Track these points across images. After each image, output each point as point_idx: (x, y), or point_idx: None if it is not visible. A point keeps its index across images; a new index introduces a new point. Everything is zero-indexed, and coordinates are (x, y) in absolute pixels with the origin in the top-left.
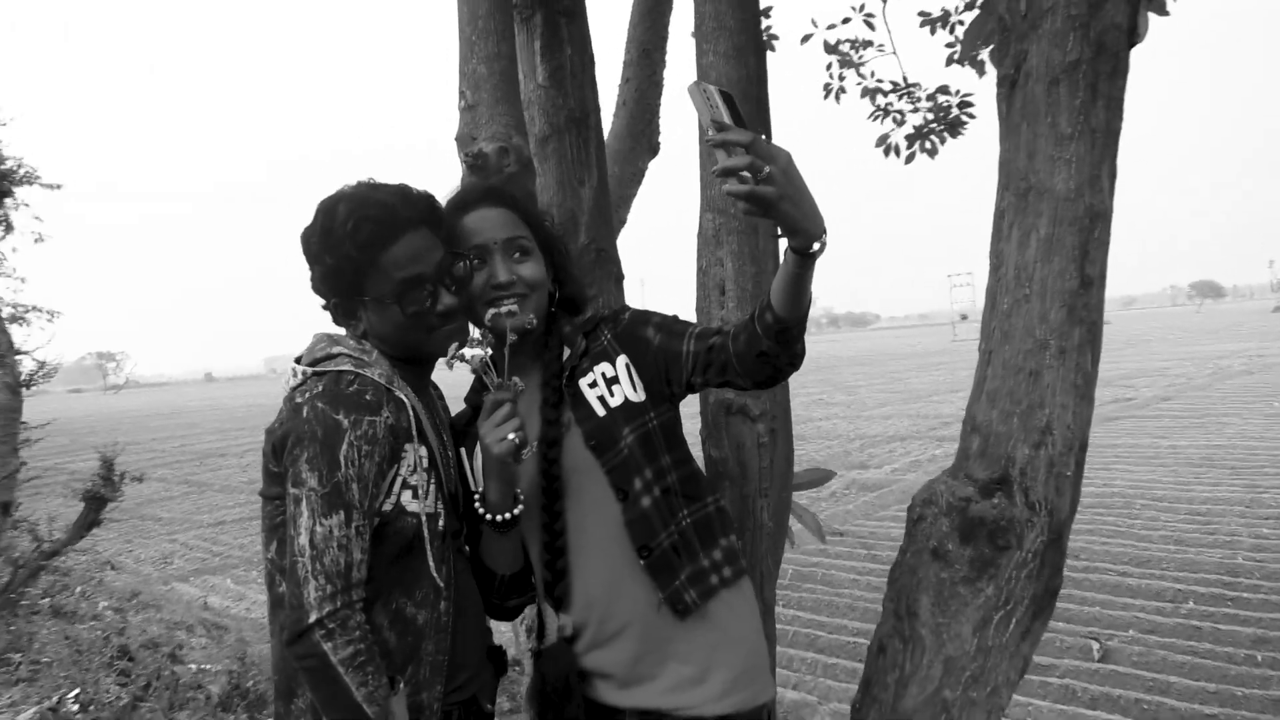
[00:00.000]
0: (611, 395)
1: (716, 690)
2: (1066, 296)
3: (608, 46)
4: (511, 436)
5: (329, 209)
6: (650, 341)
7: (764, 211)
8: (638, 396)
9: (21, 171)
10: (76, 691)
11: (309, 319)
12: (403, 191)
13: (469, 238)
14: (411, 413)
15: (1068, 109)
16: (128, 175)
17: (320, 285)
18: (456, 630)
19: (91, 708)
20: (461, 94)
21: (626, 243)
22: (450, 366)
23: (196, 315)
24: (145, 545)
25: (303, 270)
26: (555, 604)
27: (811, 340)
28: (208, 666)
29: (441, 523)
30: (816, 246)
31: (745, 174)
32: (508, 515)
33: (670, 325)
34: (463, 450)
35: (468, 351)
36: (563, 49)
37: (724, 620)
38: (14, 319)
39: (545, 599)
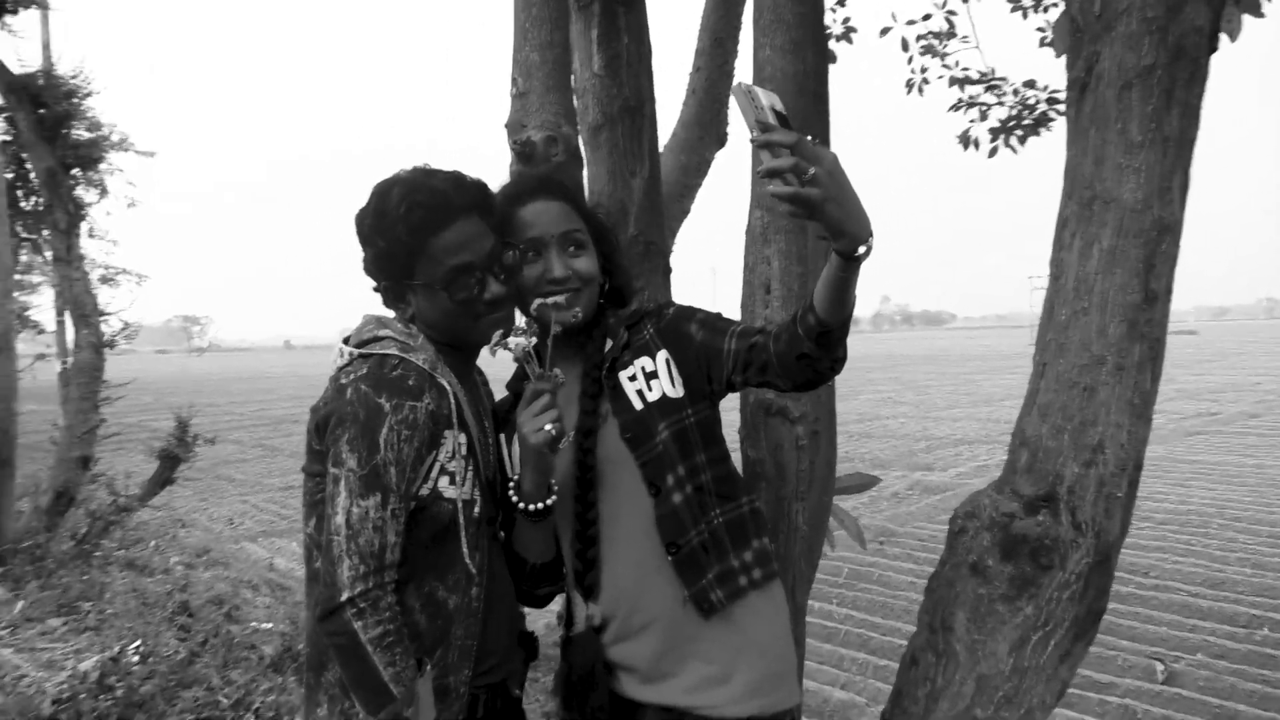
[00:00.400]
0: (650, 390)
1: (739, 692)
2: (1128, 311)
3: (667, 37)
4: (549, 427)
5: (383, 192)
6: (693, 338)
7: (809, 214)
8: (676, 392)
9: (114, 138)
10: (138, 644)
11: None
12: (456, 178)
13: (524, 230)
14: (453, 399)
15: (1139, 115)
16: (212, 143)
17: (371, 267)
18: (487, 616)
19: (150, 660)
20: (514, 81)
21: (697, 233)
22: (494, 354)
23: (278, 284)
24: (218, 504)
25: None
26: (585, 593)
27: (883, 338)
28: (267, 625)
29: (477, 509)
30: (862, 250)
31: (790, 176)
32: (541, 505)
33: (713, 322)
34: (502, 436)
35: (511, 340)
36: (620, 37)
37: (750, 623)
38: (104, 280)
39: (575, 588)
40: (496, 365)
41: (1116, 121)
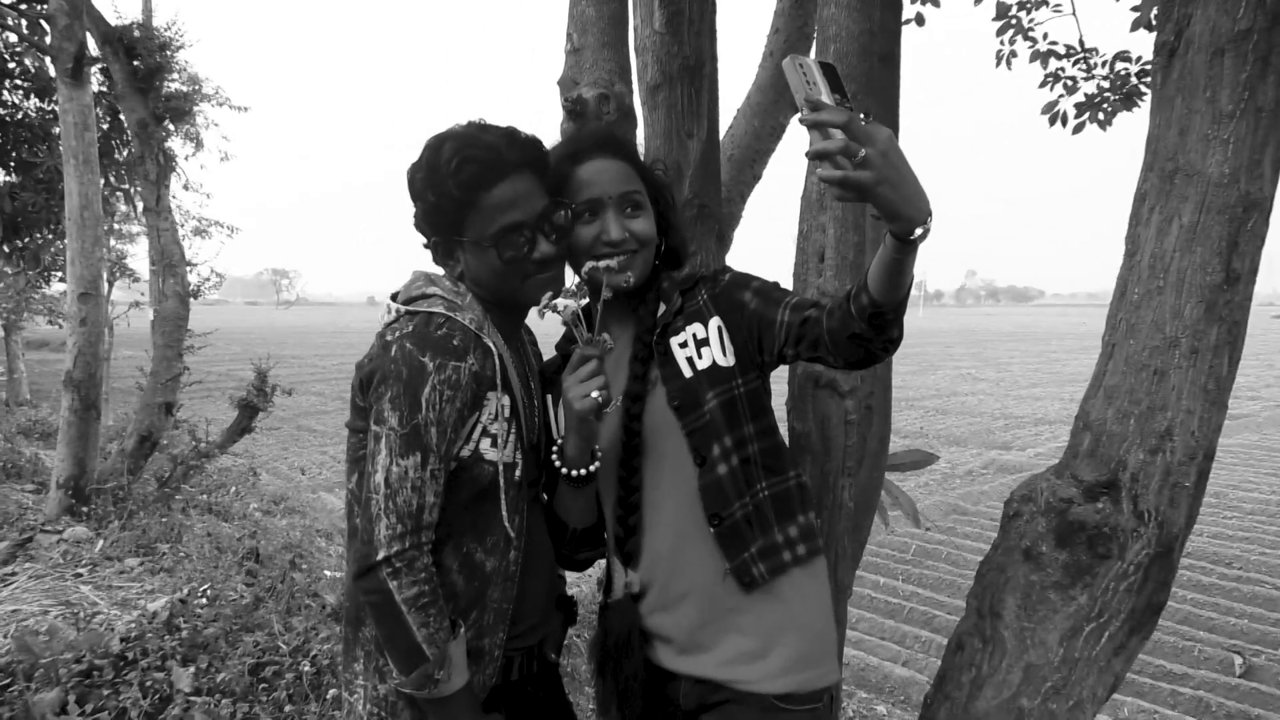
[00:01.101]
0: (700, 357)
1: (776, 667)
2: (1206, 291)
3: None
4: (595, 394)
5: (436, 146)
6: (746, 305)
7: (860, 196)
8: (726, 361)
9: (205, 91)
10: (206, 587)
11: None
12: (510, 134)
13: (582, 190)
14: (498, 360)
15: (1231, 83)
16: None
17: (421, 223)
18: (524, 579)
19: (218, 602)
20: (569, 36)
21: (774, 199)
22: (542, 315)
23: (364, 242)
24: (299, 454)
25: None
26: (624, 560)
27: (967, 312)
28: (336, 574)
29: (519, 472)
30: (919, 232)
31: (840, 158)
32: (584, 471)
33: (769, 292)
34: (549, 398)
35: (560, 302)
36: None
37: (791, 599)
38: (197, 232)
39: (615, 554)
40: (546, 325)
41: (1206, 89)
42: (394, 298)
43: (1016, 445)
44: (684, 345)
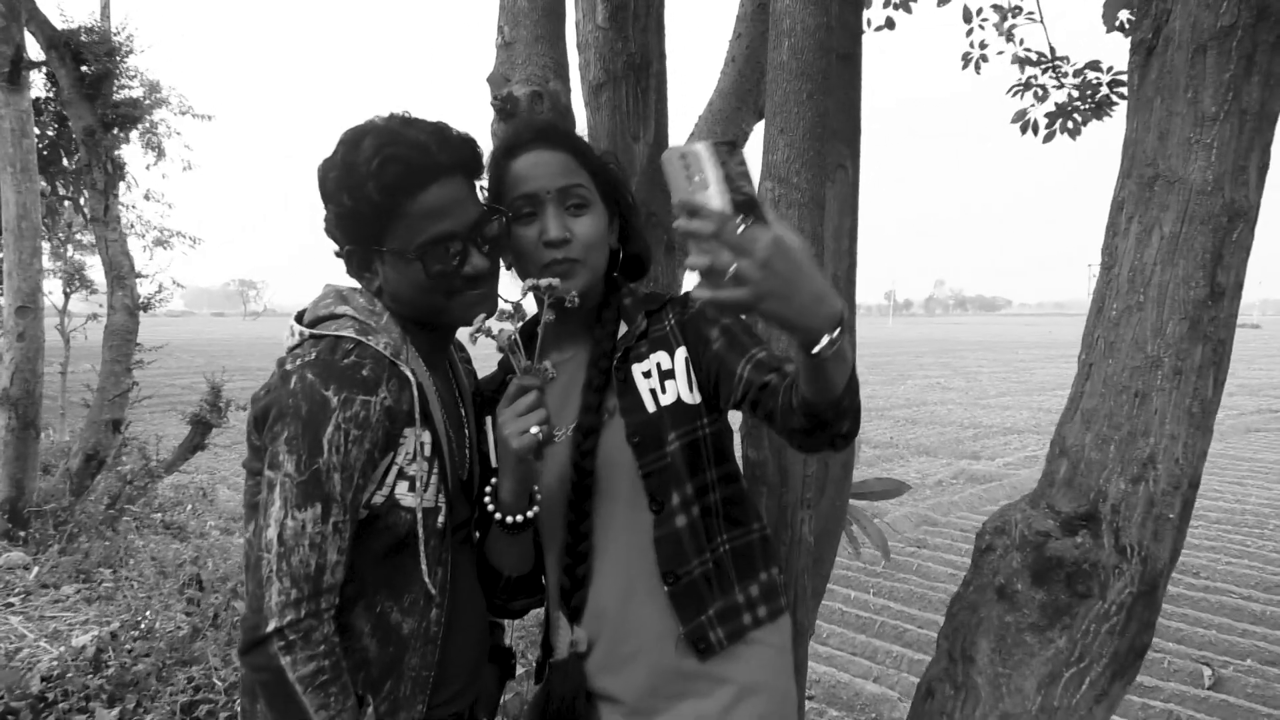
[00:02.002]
0: (664, 391)
1: None
2: (1190, 307)
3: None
4: (534, 430)
5: (353, 142)
6: (710, 343)
7: (745, 312)
8: (693, 398)
9: (164, 98)
10: (143, 618)
11: None
12: (440, 131)
13: (518, 185)
14: (416, 390)
15: (1214, 83)
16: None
17: (334, 229)
18: (449, 639)
19: (153, 634)
20: (500, 29)
21: None
22: (474, 341)
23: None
24: None
25: None
26: (570, 615)
27: (936, 322)
28: None
29: (441, 518)
30: (824, 343)
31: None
32: (520, 518)
33: (736, 336)
34: (488, 421)
35: (494, 325)
36: None
37: (750, 660)
38: (158, 243)
39: (559, 607)
40: (482, 347)
41: (1187, 90)
42: (300, 317)
43: (986, 455)
44: (648, 375)
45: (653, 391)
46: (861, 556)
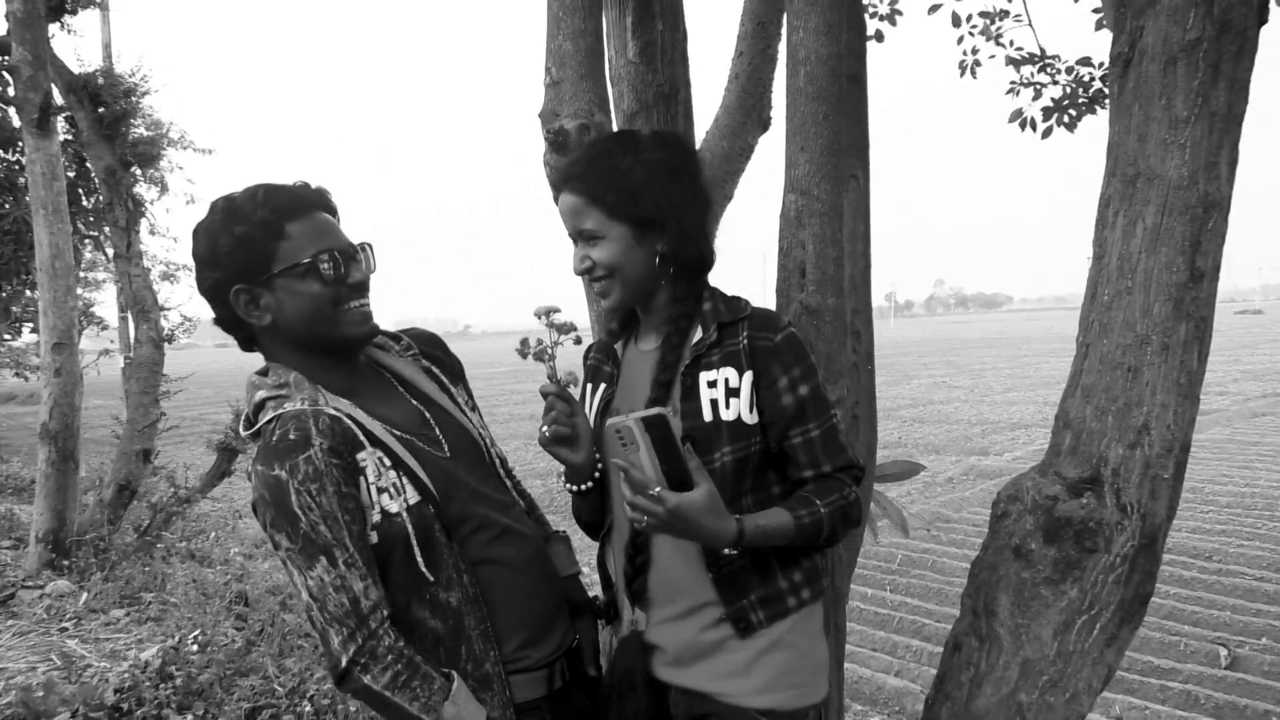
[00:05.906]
0: (727, 407)
1: (759, 683)
2: (1173, 290)
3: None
4: (545, 429)
5: (226, 197)
6: (780, 399)
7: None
8: (752, 419)
9: (172, 136)
10: (196, 633)
11: (434, 286)
12: (302, 184)
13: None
14: (348, 420)
15: (1185, 90)
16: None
17: (220, 273)
18: (495, 598)
19: (209, 649)
20: (547, 70)
21: (746, 217)
22: (524, 357)
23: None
24: None
25: (445, 239)
26: (632, 599)
27: (938, 321)
28: None
29: (433, 507)
30: (724, 554)
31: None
32: (579, 487)
33: (804, 407)
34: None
35: (532, 340)
36: (654, 24)
37: (785, 635)
38: (165, 276)
39: (623, 591)
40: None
41: (1161, 97)
42: (248, 423)
43: (994, 450)
44: (713, 385)
45: (714, 402)
46: (876, 549)
